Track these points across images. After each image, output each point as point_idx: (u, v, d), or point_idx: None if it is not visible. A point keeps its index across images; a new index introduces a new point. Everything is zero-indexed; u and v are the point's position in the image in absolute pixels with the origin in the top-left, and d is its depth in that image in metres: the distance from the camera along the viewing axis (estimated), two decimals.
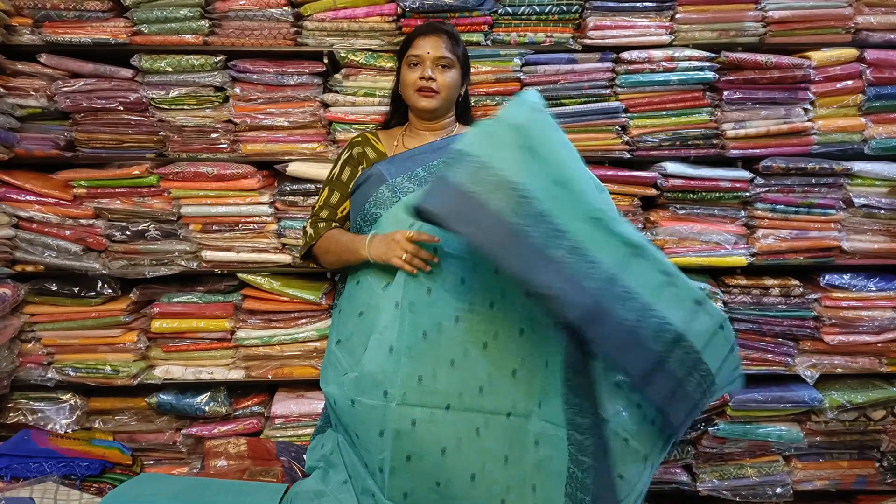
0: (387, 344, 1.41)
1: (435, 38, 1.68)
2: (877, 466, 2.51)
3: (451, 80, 1.69)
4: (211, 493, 1.80)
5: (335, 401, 1.52)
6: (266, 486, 1.84)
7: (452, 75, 1.69)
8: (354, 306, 1.59)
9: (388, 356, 1.40)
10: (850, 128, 2.36)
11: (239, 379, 2.44)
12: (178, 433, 2.45)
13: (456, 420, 1.40)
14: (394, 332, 1.41)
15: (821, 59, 2.32)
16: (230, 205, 2.34)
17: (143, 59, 2.26)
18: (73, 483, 2.17)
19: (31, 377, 2.37)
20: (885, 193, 2.38)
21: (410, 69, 1.69)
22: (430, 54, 1.66)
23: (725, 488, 2.46)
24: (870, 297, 2.40)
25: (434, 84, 1.66)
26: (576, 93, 2.35)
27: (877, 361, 2.46)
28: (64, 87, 2.26)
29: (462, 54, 1.73)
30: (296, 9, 2.31)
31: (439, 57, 1.66)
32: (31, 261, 2.33)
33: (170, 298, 2.39)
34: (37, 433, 2.32)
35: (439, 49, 1.67)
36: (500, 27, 2.34)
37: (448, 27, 1.76)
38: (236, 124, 2.34)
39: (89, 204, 2.33)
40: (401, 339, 1.40)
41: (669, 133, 2.37)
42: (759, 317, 2.40)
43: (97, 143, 2.32)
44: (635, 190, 2.36)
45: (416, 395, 1.39)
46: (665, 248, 2.38)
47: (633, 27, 2.33)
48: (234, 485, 1.90)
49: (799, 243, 2.38)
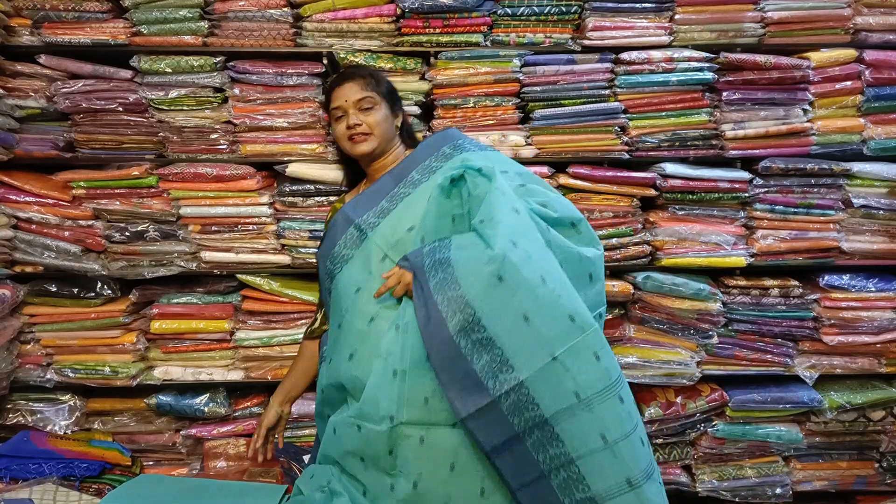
0: (391, 368, 1.40)
1: (349, 84, 1.67)
2: (876, 467, 2.51)
3: (380, 118, 1.67)
4: (210, 494, 1.80)
5: (335, 429, 1.51)
6: (266, 487, 1.84)
7: (380, 113, 1.67)
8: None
9: (393, 380, 1.40)
10: (849, 128, 2.36)
11: (238, 380, 2.44)
12: (177, 434, 2.45)
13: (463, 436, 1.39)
14: (396, 356, 1.40)
15: (820, 59, 2.32)
16: (229, 206, 2.34)
17: (142, 60, 2.26)
18: (73, 484, 2.17)
19: (31, 378, 2.37)
20: (884, 194, 2.38)
21: (337, 122, 1.68)
22: (348, 102, 1.65)
23: (725, 489, 2.46)
24: (869, 297, 2.40)
25: (362, 127, 1.64)
26: (575, 93, 2.35)
27: (876, 362, 2.46)
28: (63, 88, 2.26)
29: (386, 90, 1.71)
30: (295, 10, 2.31)
31: (358, 100, 1.65)
32: (31, 262, 2.33)
33: (169, 299, 2.39)
34: (36, 434, 2.32)
35: (356, 93, 1.65)
36: (499, 28, 2.34)
37: (360, 70, 1.76)
38: (236, 125, 2.34)
39: (88, 205, 2.33)
40: (403, 361, 1.39)
41: (669, 134, 2.37)
42: (758, 317, 2.40)
43: (96, 143, 2.32)
44: (634, 191, 2.36)
45: (422, 414, 1.39)
46: (664, 249, 2.38)
47: (632, 28, 2.33)
48: (233, 486, 1.90)
49: (798, 244, 2.38)
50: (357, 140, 1.65)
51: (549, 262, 1.38)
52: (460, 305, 1.33)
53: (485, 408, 1.32)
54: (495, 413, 1.32)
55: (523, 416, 1.31)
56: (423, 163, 1.65)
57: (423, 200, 1.56)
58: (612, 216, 2.38)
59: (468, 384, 1.33)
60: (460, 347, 1.33)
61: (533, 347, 1.32)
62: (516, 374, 1.31)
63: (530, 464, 1.32)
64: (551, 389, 1.31)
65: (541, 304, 1.32)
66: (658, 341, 2.44)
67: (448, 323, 1.34)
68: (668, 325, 2.40)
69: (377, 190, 1.67)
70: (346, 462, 1.49)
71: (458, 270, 1.36)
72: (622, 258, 2.38)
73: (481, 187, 1.45)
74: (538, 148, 2.37)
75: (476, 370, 1.32)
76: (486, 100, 2.34)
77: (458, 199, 1.51)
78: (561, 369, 1.31)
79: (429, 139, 1.74)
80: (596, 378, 1.32)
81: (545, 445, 1.32)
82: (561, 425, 1.31)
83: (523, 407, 1.31)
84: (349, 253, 1.62)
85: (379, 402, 1.39)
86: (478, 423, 1.32)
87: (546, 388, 1.31)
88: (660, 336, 2.44)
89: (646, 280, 2.36)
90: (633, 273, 2.42)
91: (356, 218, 1.63)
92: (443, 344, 1.34)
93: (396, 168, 1.69)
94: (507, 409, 1.32)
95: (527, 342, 1.32)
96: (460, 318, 1.33)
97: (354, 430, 1.44)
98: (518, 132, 2.36)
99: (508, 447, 1.33)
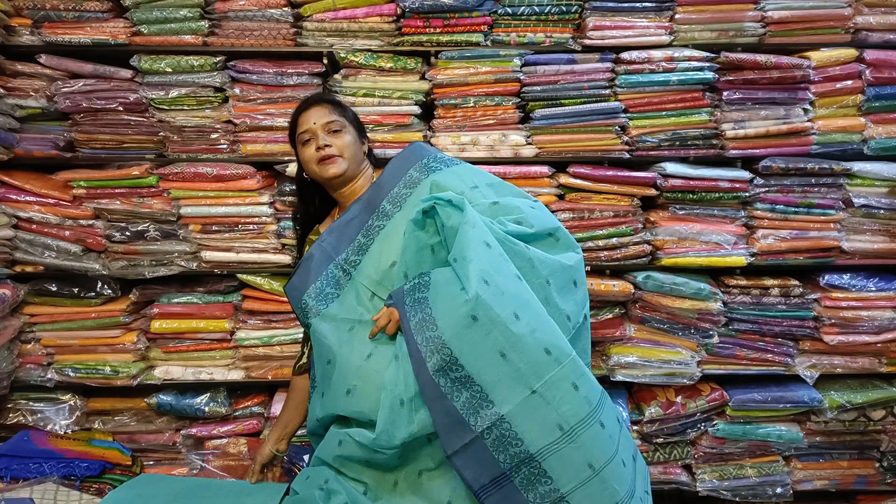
0: (397, 399, 1.40)
1: (316, 108, 1.67)
2: (876, 466, 2.51)
3: (349, 141, 1.67)
4: (211, 494, 1.80)
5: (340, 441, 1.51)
6: (266, 486, 1.84)
7: (347, 137, 1.67)
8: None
9: (401, 409, 1.40)
10: (850, 128, 2.36)
11: (238, 379, 2.44)
12: (177, 433, 2.45)
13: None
14: (401, 386, 1.40)
15: (820, 59, 2.32)
16: (230, 205, 2.34)
17: (142, 60, 2.26)
18: (73, 483, 2.17)
19: (31, 378, 2.37)
20: (885, 193, 2.38)
21: (305, 146, 1.67)
22: (316, 124, 1.65)
23: (725, 488, 2.46)
24: (869, 297, 2.40)
25: (331, 149, 1.64)
26: (575, 93, 2.35)
27: (876, 361, 2.46)
28: (63, 88, 2.26)
29: (351, 116, 1.72)
30: (295, 9, 2.31)
31: (327, 122, 1.65)
32: (31, 261, 2.33)
33: (169, 299, 2.39)
34: (36, 434, 2.32)
35: (324, 116, 1.66)
36: (499, 27, 2.34)
37: (326, 96, 1.76)
38: (236, 125, 2.34)
39: (89, 204, 2.33)
40: (408, 389, 1.39)
41: (669, 133, 2.37)
42: (758, 317, 2.40)
43: (97, 143, 2.32)
44: (635, 190, 2.36)
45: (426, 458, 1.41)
46: (665, 249, 2.38)
47: (632, 27, 2.33)
48: (234, 485, 1.89)
49: (798, 243, 2.38)
50: (327, 162, 1.63)
51: (522, 295, 1.39)
52: (437, 346, 1.35)
53: (469, 444, 1.33)
54: (479, 449, 1.33)
55: (508, 451, 1.32)
56: (391, 191, 1.64)
57: (398, 234, 1.56)
58: (612, 216, 2.38)
59: (451, 421, 1.34)
60: (440, 386, 1.35)
61: (511, 382, 1.33)
62: (496, 408, 1.32)
63: (521, 501, 1.33)
64: (534, 423, 1.32)
65: (515, 341, 1.34)
66: (658, 341, 2.44)
67: (427, 363, 1.35)
68: (669, 325, 2.40)
69: (349, 221, 1.66)
70: (346, 467, 1.50)
71: (434, 311, 1.38)
72: (622, 258, 2.38)
73: (453, 218, 1.45)
74: (538, 147, 2.37)
75: (457, 407, 1.34)
76: (486, 99, 2.34)
77: (433, 227, 1.52)
78: (542, 402, 1.33)
79: (394, 161, 1.72)
80: (577, 407, 1.34)
81: (534, 483, 1.33)
82: (548, 461, 1.32)
83: (507, 443, 1.32)
84: (333, 292, 1.62)
85: (393, 434, 1.38)
86: (464, 461, 1.33)
87: (529, 422, 1.32)
88: (660, 335, 2.44)
89: (646, 279, 2.36)
90: (633, 272, 2.42)
91: (336, 256, 1.63)
92: (426, 382, 1.36)
93: (365, 195, 1.68)
94: (492, 445, 1.33)
95: (504, 377, 1.33)
96: (438, 359, 1.35)
97: (365, 450, 1.44)
98: (518, 132, 2.36)
99: (497, 485, 1.33)
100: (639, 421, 2.44)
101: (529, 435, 1.32)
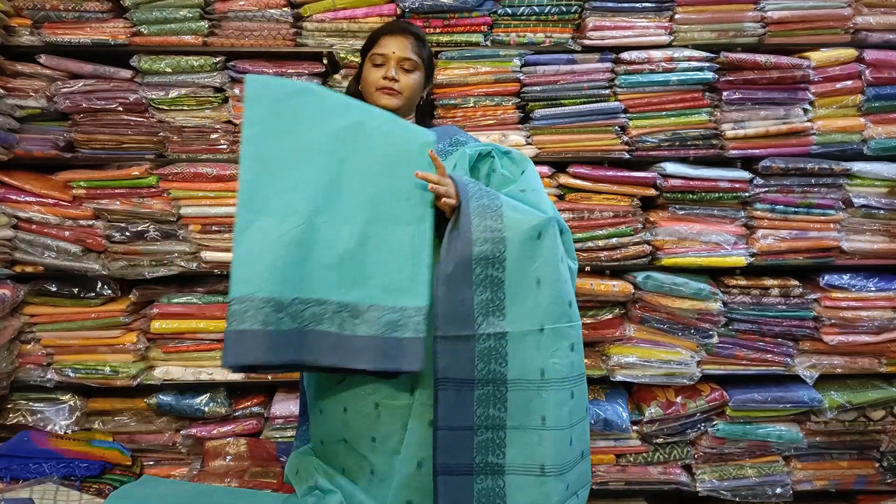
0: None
1: (401, 38, 1.65)
2: (876, 466, 2.51)
3: (414, 82, 1.66)
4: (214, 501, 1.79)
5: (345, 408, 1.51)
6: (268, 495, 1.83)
7: (416, 77, 1.66)
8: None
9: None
10: (850, 128, 2.36)
11: (238, 380, 2.44)
12: (177, 434, 2.45)
13: None
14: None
15: (820, 59, 2.32)
16: (230, 205, 2.34)
17: (142, 60, 2.26)
18: (73, 484, 2.17)
19: (31, 378, 2.37)
20: (885, 194, 2.38)
21: (374, 68, 1.65)
22: (395, 54, 1.63)
23: (725, 488, 2.46)
24: (869, 297, 2.40)
25: (396, 85, 1.62)
26: (575, 93, 2.35)
27: (876, 361, 2.46)
28: (63, 88, 2.26)
29: (427, 57, 1.70)
30: (295, 9, 2.31)
31: (404, 58, 1.63)
32: (31, 261, 2.33)
33: (169, 299, 2.39)
34: (36, 434, 2.31)
35: (405, 50, 1.64)
36: (499, 28, 2.34)
37: (415, 28, 1.73)
38: (236, 125, 2.34)
39: (89, 205, 2.33)
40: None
41: (669, 133, 2.37)
42: (758, 317, 2.40)
43: (96, 143, 2.32)
44: (635, 190, 2.36)
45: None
46: (664, 249, 2.38)
47: (632, 28, 2.33)
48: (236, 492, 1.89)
49: (798, 243, 2.38)
50: (387, 92, 1.62)
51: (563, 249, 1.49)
52: (495, 237, 1.37)
53: (461, 338, 1.36)
54: (466, 349, 1.36)
55: (489, 366, 1.36)
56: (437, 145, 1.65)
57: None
58: (612, 216, 2.38)
59: (460, 310, 1.36)
60: (473, 273, 1.37)
61: (530, 309, 1.38)
62: (504, 323, 1.37)
63: (466, 412, 1.36)
64: (526, 355, 1.37)
65: (554, 278, 1.40)
66: (658, 341, 2.44)
67: (474, 246, 1.37)
68: (669, 325, 2.40)
69: None
70: (355, 441, 1.50)
71: (505, 208, 1.41)
72: (622, 258, 2.38)
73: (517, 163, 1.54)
74: (538, 147, 2.37)
75: (473, 301, 1.37)
76: (486, 99, 2.34)
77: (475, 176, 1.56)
78: (542, 342, 1.38)
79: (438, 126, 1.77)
80: (563, 365, 1.40)
81: (489, 403, 1.37)
82: (512, 392, 1.36)
83: (492, 358, 1.36)
84: None
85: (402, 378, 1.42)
86: (446, 348, 1.36)
87: (521, 352, 1.37)
88: (660, 336, 2.44)
89: (646, 280, 2.36)
90: (633, 273, 2.42)
91: None
92: (461, 263, 1.37)
93: None
94: (479, 353, 1.36)
95: (527, 301, 1.38)
96: (489, 249, 1.37)
97: (371, 408, 1.45)
98: (518, 132, 2.36)
99: (456, 387, 1.36)
100: (639, 421, 2.44)
101: (514, 362, 1.37)
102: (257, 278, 1.30)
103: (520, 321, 1.38)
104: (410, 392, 1.43)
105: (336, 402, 1.51)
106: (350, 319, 1.38)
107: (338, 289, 1.37)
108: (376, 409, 1.45)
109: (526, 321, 1.38)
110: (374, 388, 1.46)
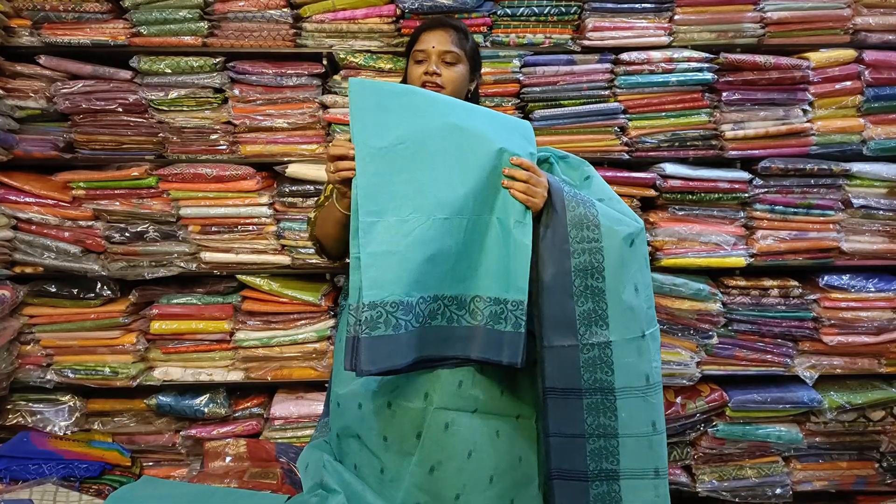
0: None
1: (440, 32, 1.65)
2: (876, 467, 2.51)
3: (458, 75, 1.65)
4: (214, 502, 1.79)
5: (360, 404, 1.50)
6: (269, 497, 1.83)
7: (459, 70, 1.65)
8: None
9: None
10: (849, 129, 2.36)
11: (238, 380, 2.44)
12: (177, 435, 2.45)
13: (480, 423, 1.44)
14: None
15: (819, 60, 2.32)
16: (229, 206, 2.34)
17: (142, 61, 2.26)
18: (73, 485, 2.17)
19: (31, 379, 2.37)
20: (884, 194, 2.38)
21: (416, 65, 1.66)
22: (434, 49, 1.63)
23: (725, 489, 2.46)
24: (869, 297, 2.40)
25: (439, 79, 1.62)
26: (575, 94, 2.35)
27: (876, 362, 2.46)
28: (63, 89, 2.26)
29: (470, 48, 1.69)
30: (295, 10, 2.31)
31: (444, 52, 1.63)
32: (30, 262, 2.33)
33: (169, 300, 2.39)
34: (36, 435, 2.32)
35: (445, 44, 1.63)
36: (498, 28, 2.34)
37: (455, 22, 1.73)
38: (235, 125, 2.34)
39: (88, 205, 2.33)
40: None
41: (668, 134, 2.37)
42: (758, 318, 2.40)
43: (96, 144, 2.32)
44: (634, 191, 2.36)
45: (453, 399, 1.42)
46: (664, 249, 2.38)
47: (631, 28, 2.33)
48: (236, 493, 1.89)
49: (798, 244, 2.38)
50: (429, 88, 1.62)
51: None
52: (592, 248, 1.39)
53: (566, 348, 1.37)
54: (572, 358, 1.37)
55: (595, 375, 1.38)
56: None
57: None
58: None
59: (563, 320, 1.38)
60: (573, 285, 1.38)
61: (631, 316, 1.40)
62: (608, 332, 1.38)
63: (577, 420, 1.38)
64: (630, 362, 1.39)
65: (647, 283, 1.47)
66: None
67: (572, 258, 1.38)
68: (668, 326, 2.40)
69: None
70: (367, 438, 1.50)
71: (601, 217, 1.42)
72: None
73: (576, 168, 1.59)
74: None
75: (576, 312, 1.38)
76: (485, 100, 2.34)
77: None
78: (643, 348, 1.41)
79: None
80: (660, 368, 1.45)
81: (598, 412, 1.38)
82: (623, 400, 1.38)
83: (598, 367, 1.38)
84: None
85: (416, 379, 1.41)
86: (553, 358, 1.37)
87: (626, 359, 1.39)
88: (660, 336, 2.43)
89: None
90: None
91: None
92: (560, 274, 1.38)
93: None
94: (584, 362, 1.37)
95: (628, 309, 1.40)
96: (587, 260, 1.38)
97: (384, 407, 1.45)
98: None
99: (565, 395, 1.38)
100: None
101: (620, 370, 1.38)
102: (388, 283, 1.30)
103: (622, 329, 1.39)
104: (424, 397, 1.42)
105: (352, 397, 1.51)
106: (457, 311, 1.40)
107: (451, 284, 1.38)
108: (390, 409, 1.45)
109: (628, 329, 1.40)
110: (388, 388, 1.45)
